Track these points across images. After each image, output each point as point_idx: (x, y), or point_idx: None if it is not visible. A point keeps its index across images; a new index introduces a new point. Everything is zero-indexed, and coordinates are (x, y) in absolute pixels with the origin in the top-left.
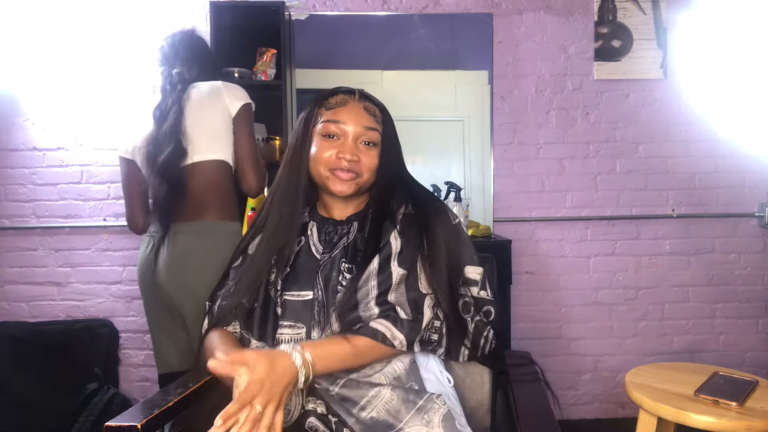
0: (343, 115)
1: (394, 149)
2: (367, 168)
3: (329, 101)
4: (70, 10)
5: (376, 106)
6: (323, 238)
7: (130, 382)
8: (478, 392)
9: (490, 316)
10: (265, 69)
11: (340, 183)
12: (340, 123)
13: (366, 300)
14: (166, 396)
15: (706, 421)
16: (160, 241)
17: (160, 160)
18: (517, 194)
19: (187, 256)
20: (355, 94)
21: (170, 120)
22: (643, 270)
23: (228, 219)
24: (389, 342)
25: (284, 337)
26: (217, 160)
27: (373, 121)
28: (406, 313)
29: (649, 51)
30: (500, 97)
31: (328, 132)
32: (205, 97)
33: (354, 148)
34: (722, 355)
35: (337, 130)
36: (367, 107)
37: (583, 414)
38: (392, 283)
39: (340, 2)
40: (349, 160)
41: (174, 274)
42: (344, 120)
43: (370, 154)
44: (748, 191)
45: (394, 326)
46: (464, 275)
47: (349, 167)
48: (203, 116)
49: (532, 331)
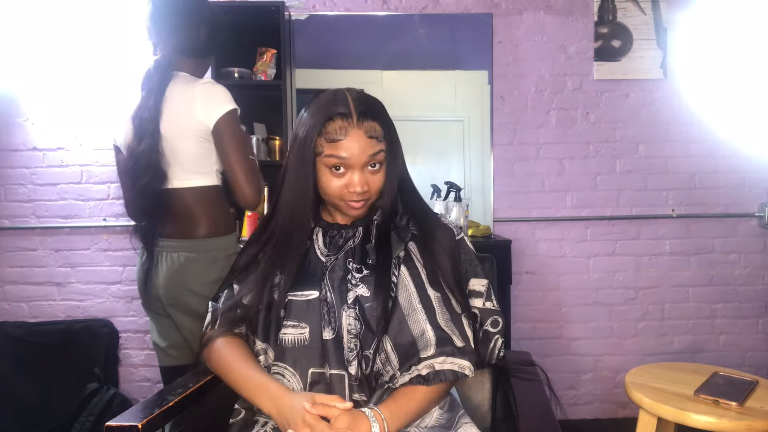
0: (346, 149)
1: (398, 156)
2: (377, 189)
3: (328, 130)
4: (70, 11)
5: (376, 121)
6: (328, 241)
7: (130, 382)
8: (478, 392)
9: (498, 326)
10: (265, 69)
11: (354, 210)
12: (344, 159)
13: (422, 336)
14: (166, 396)
15: (706, 421)
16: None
17: (140, 186)
18: (517, 194)
19: (181, 275)
20: (352, 117)
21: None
22: (643, 270)
23: (221, 234)
24: (461, 374)
25: (287, 337)
26: (199, 186)
27: (376, 143)
28: (460, 339)
29: (649, 51)
30: (500, 97)
31: (333, 165)
32: (180, 107)
33: (362, 177)
34: (722, 355)
35: (342, 164)
36: (368, 130)
37: (583, 414)
38: (435, 308)
39: (340, 2)
40: (359, 192)
41: (169, 290)
42: (349, 154)
43: (377, 176)
44: (748, 191)
45: (459, 358)
46: (470, 287)
47: (360, 197)
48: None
49: (532, 331)
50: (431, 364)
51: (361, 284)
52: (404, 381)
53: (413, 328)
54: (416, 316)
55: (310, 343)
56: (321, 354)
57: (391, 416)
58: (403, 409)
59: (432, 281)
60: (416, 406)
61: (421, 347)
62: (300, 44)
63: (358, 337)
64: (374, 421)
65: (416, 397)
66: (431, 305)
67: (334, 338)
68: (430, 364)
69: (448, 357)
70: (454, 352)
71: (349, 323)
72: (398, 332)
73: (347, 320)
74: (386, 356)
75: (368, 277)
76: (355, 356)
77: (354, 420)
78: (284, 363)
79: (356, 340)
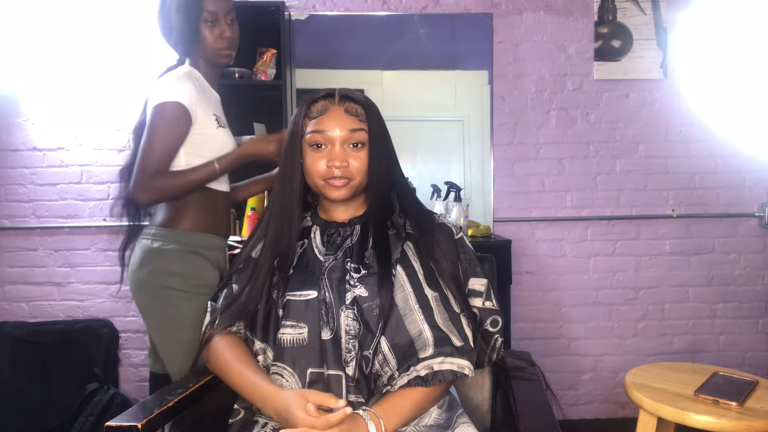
0: (325, 123)
1: (384, 145)
2: (358, 170)
3: (311, 110)
4: (70, 10)
5: (359, 104)
6: (325, 240)
7: (130, 382)
8: (478, 392)
9: (497, 326)
10: (265, 69)
11: (335, 190)
12: (324, 131)
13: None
14: (166, 396)
15: (706, 421)
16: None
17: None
18: (517, 194)
19: (131, 263)
20: (334, 98)
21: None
22: (643, 270)
23: (172, 226)
24: (460, 374)
25: (286, 337)
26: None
27: (356, 121)
28: (459, 338)
29: (649, 51)
30: (500, 97)
31: (315, 142)
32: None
33: (342, 153)
34: (722, 355)
35: (323, 139)
36: (348, 108)
37: (583, 414)
38: (432, 308)
39: (340, 2)
40: (339, 167)
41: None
42: (327, 128)
43: (358, 156)
44: (748, 191)
45: (458, 358)
46: (469, 287)
47: (341, 174)
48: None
49: (532, 331)
50: (430, 365)
51: (360, 284)
52: (403, 383)
53: (410, 328)
54: (413, 316)
55: (308, 343)
56: (320, 354)
57: (387, 415)
58: (399, 408)
59: (430, 281)
60: (414, 406)
61: (419, 347)
62: (300, 44)
63: (356, 337)
64: (369, 420)
65: (413, 397)
66: (429, 305)
67: (332, 338)
68: (428, 365)
69: (447, 357)
70: (453, 352)
71: (347, 324)
72: (395, 333)
73: (345, 321)
74: (384, 357)
75: (366, 277)
76: (353, 357)
77: (350, 422)
78: (283, 363)
79: (354, 341)
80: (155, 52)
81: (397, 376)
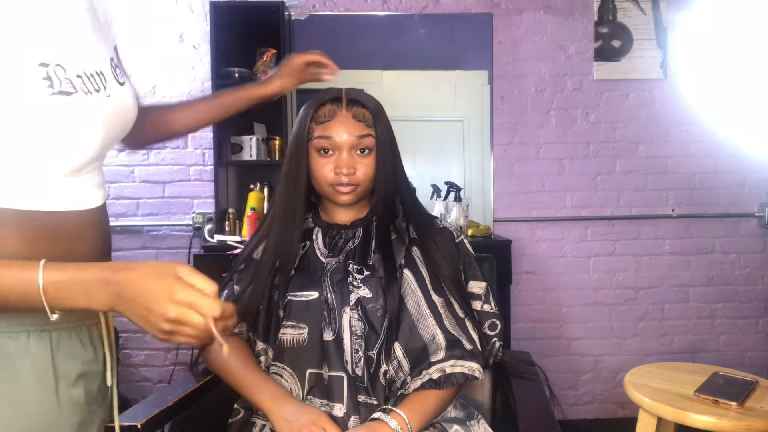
0: (333, 129)
1: (390, 149)
2: (365, 176)
3: (318, 114)
4: None
5: (367, 109)
6: (327, 242)
7: (130, 382)
8: (478, 392)
9: (496, 329)
10: (265, 69)
11: (342, 195)
12: (331, 138)
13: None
14: (166, 396)
15: (706, 421)
16: None
17: None
18: (517, 194)
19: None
20: (341, 103)
21: None
22: (643, 270)
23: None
24: (471, 377)
25: (286, 337)
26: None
27: (364, 127)
28: (468, 342)
29: (649, 51)
30: (500, 97)
31: (322, 147)
32: None
33: (350, 159)
34: (722, 355)
35: (330, 144)
36: (356, 114)
37: (583, 414)
38: (441, 313)
39: (340, 2)
40: (346, 174)
41: None
42: (335, 134)
43: (365, 162)
44: (748, 191)
45: (468, 361)
46: (468, 290)
47: (348, 181)
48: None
49: (532, 331)
50: (442, 368)
51: (363, 285)
52: (416, 386)
53: (424, 333)
54: (426, 321)
55: (308, 343)
56: (320, 355)
57: (411, 414)
58: (419, 408)
59: (435, 287)
60: (434, 406)
61: (431, 351)
62: (300, 44)
63: (362, 337)
64: (391, 420)
65: (430, 400)
66: (437, 310)
67: (335, 339)
68: (441, 368)
69: (458, 360)
70: (464, 355)
71: (352, 324)
72: (409, 338)
73: (350, 321)
74: (398, 363)
75: (369, 278)
76: (360, 357)
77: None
78: (282, 363)
79: (361, 341)
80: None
81: (410, 381)
